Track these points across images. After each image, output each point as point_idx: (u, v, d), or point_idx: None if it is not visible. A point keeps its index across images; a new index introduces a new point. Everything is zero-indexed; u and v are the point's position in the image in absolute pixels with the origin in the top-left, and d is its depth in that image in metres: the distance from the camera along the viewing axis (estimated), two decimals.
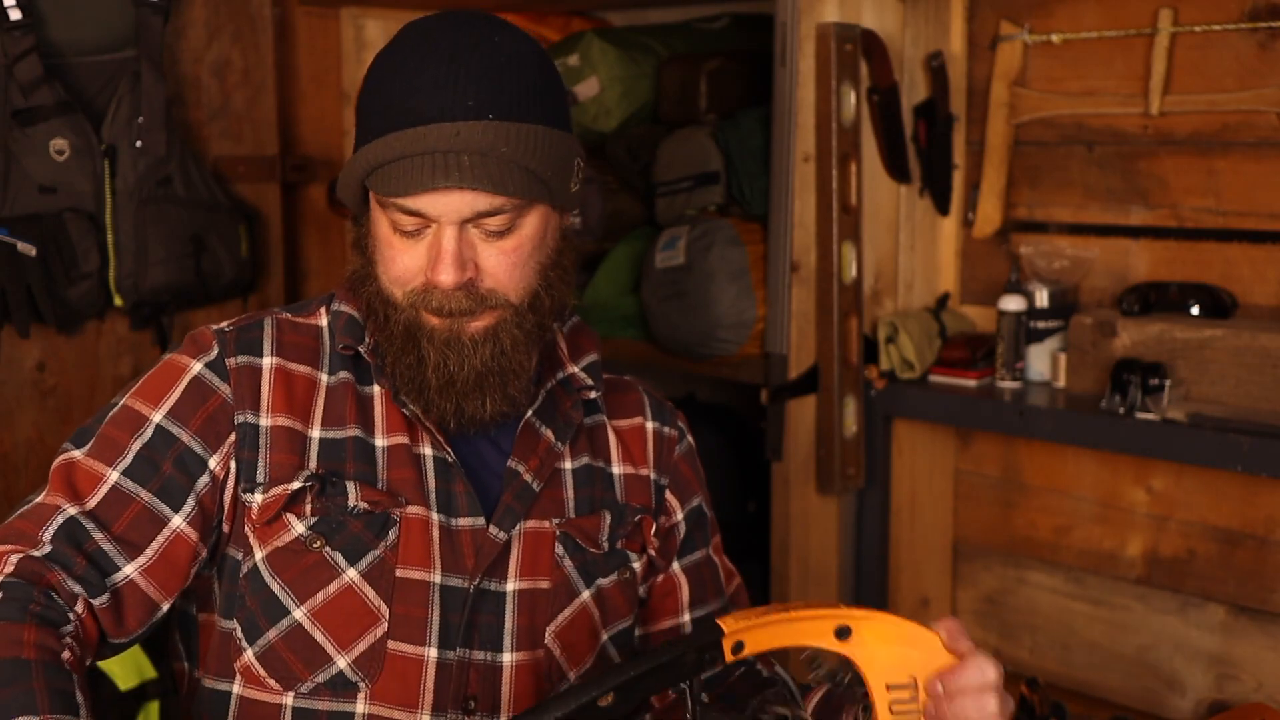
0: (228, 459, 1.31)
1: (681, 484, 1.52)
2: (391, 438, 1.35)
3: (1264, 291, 2.02)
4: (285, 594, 1.30)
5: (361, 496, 1.31)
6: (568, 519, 1.40)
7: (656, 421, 1.52)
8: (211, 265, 2.32)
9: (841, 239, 2.18)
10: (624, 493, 1.46)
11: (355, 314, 1.39)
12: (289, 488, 1.30)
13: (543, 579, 1.37)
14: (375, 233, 1.32)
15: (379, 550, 1.31)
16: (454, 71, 1.26)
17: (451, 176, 1.24)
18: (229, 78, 2.43)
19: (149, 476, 1.29)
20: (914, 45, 2.28)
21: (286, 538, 1.31)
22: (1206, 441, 1.85)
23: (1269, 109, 1.97)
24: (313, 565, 1.30)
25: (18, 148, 2.10)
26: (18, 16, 2.07)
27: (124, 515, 1.28)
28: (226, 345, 1.35)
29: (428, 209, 1.26)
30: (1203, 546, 2.13)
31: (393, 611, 1.30)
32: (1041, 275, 2.20)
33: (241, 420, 1.32)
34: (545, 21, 2.89)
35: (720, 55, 2.48)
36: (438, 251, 1.27)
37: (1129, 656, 2.23)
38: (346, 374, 1.37)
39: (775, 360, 2.23)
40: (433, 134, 1.24)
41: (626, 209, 2.55)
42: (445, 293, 1.28)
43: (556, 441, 1.40)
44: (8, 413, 2.19)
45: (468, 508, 1.34)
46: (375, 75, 1.31)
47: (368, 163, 1.27)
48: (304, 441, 1.33)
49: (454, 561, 1.33)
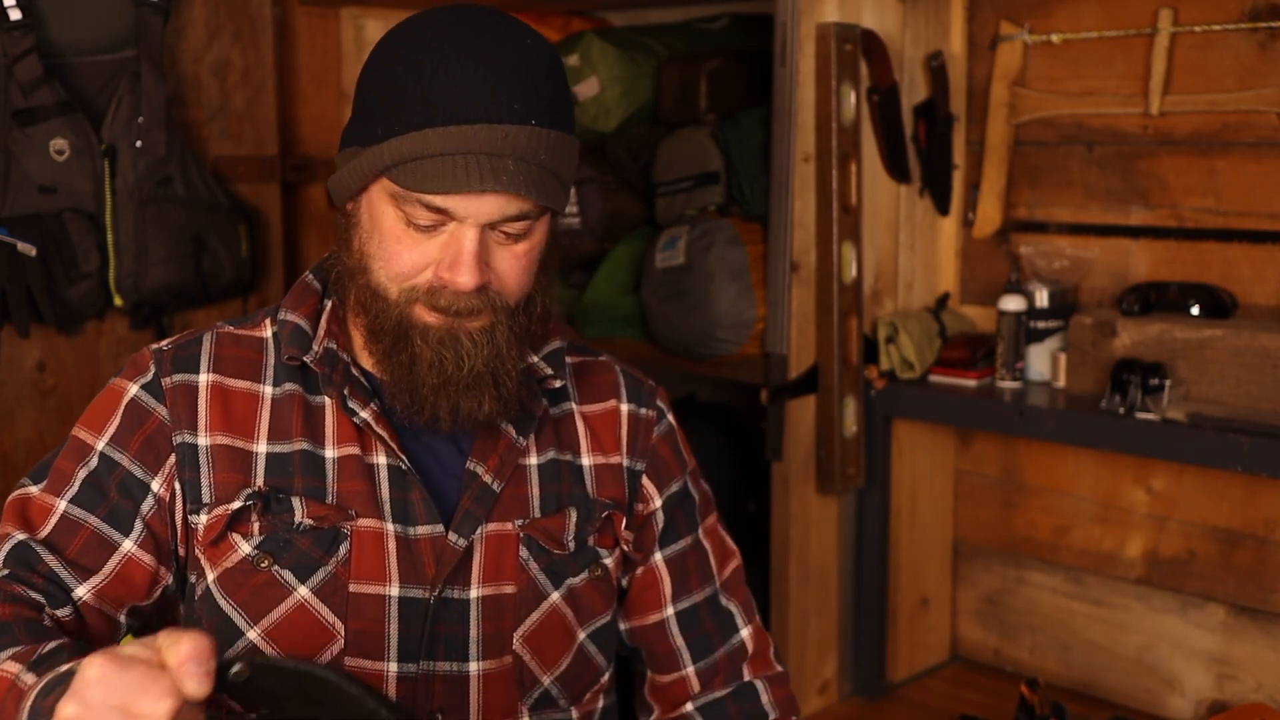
0: (170, 480, 1.30)
1: (660, 468, 1.47)
2: (342, 448, 1.32)
3: (1264, 291, 2.02)
4: (238, 615, 1.29)
5: (308, 513, 1.29)
6: (531, 519, 1.36)
7: (632, 403, 1.48)
8: (211, 265, 2.32)
9: (841, 239, 2.18)
10: (594, 486, 1.42)
11: (302, 323, 1.36)
12: (230, 507, 1.29)
13: (507, 583, 1.34)
14: (378, 225, 1.28)
15: (330, 566, 1.29)
16: (499, 74, 1.23)
17: (498, 180, 1.22)
18: (229, 78, 2.43)
19: (96, 502, 1.29)
20: (914, 45, 2.28)
21: (234, 558, 1.29)
22: (1206, 441, 1.85)
23: (1269, 109, 1.97)
24: (263, 585, 1.29)
25: (18, 148, 2.10)
26: (18, 16, 2.07)
27: (74, 541, 1.28)
28: (163, 365, 1.33)
29: (457, 208, 1.23)
30: (1203, 546, 2.13)
31: (348, 628, 1.28)
32: (1041, 275, 2.20)
33: (180, 440, 1.30)
34: (545, 21, 2.89)
35: (720, 55, 2.48)
36: (457, 252, 1.25)
37: (1129, 656, 2.23)
38: (293, 385, 1.34)
39: (775, 360, 2.23)
40: (480, 135, 1.22)
41: (626, 209, 2.55)
42: (456, 293, 1.26)
43: (518, 437, 1.36)
44: (8, 413, 2.19)
45: (425, 515, 1.31)
46: (397, 66, 1.26)
47: (396, 155, 1.23)
48: (249, 458, 1.31)
49: (413, 572, 1.30)
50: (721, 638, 1.50)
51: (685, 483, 1.50)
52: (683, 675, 1.50)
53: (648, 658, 1.51)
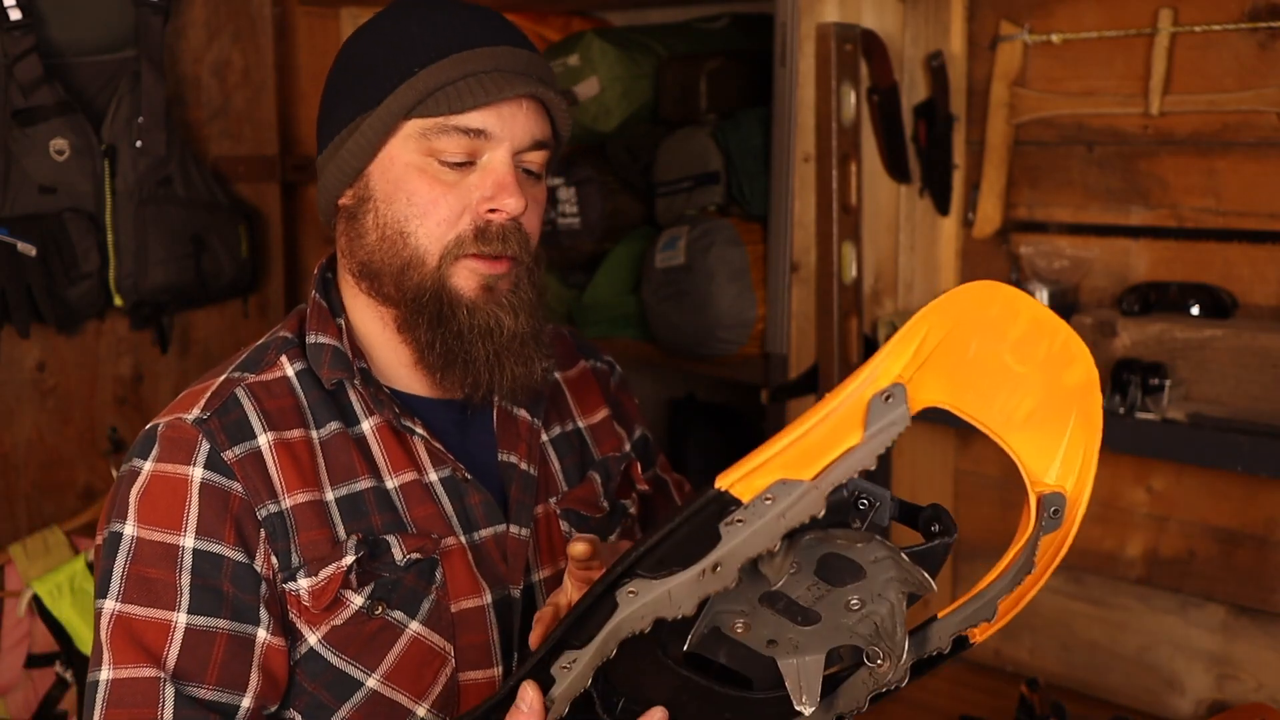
0: (267, 556, 1.22)
1: (624, 415, 1.53)
2: (399, 475, 1.29)
3: (1264, 291, 2.02)
4: (354, 668, 1.24)
5: (407, 548, 1.25)
6: (563, 494, 1.39)
7: (592, 359, 1.53)
8: (211, 265, 2.32)
9: (841, 239, 2.19)
10: (596, 446, 1.47)
11: (339, 344, 1.30)
12: (342, 564, 1.21)
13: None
14: (401, 184, 1.25)
15: (432, 594, 1.26)
16: (485, 13, 1.27)
17: (530, 85, 1.24)
18: (229, 78, 2.43)
19: (216, 607, 1.19)
20: (914, 45, 2.28)
21: (345, 614, 1.23)
22: (1206, 441, 1.85)
23: (1269, 109, 1.96)
24: (376, 631, 1.24)
25: (18, 148, 2.10)
26: (18, 16, 2.07)
27: (213, 654, 1.18)
28: (215, 437, 1.23)
29: (494, 127, 1.24)
30: (1203, 546, 2.13)
31: (457, 646, 1.27)
32: (1041, 275, 2.20)
33: (264, 514, 1.22)
34: (545, 21, 2.89)
35: (720, 55, 2.48)
36: (498, 178, 1.24)
37: (1129, 656, 2.23)
38: (336, 424, 1.28)
39: (775, 360, 2.23)
40: (503, 54, 1.24)
41: (626, 209, 2.55)
42: (503, 226, 1.25)
43: (534, 419, 1.38)
44: (8, 413, 2.19)
45: (486, 518, 1.31)
46: (376, 40, 1.28)
47: (421, 90, 1.23)
48: (324, 509, 1.24)
49: (491, 574, 1.30)
50: None
51: (643, 429, 1.56)
52: None
53: None
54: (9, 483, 2.20)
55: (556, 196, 2.51)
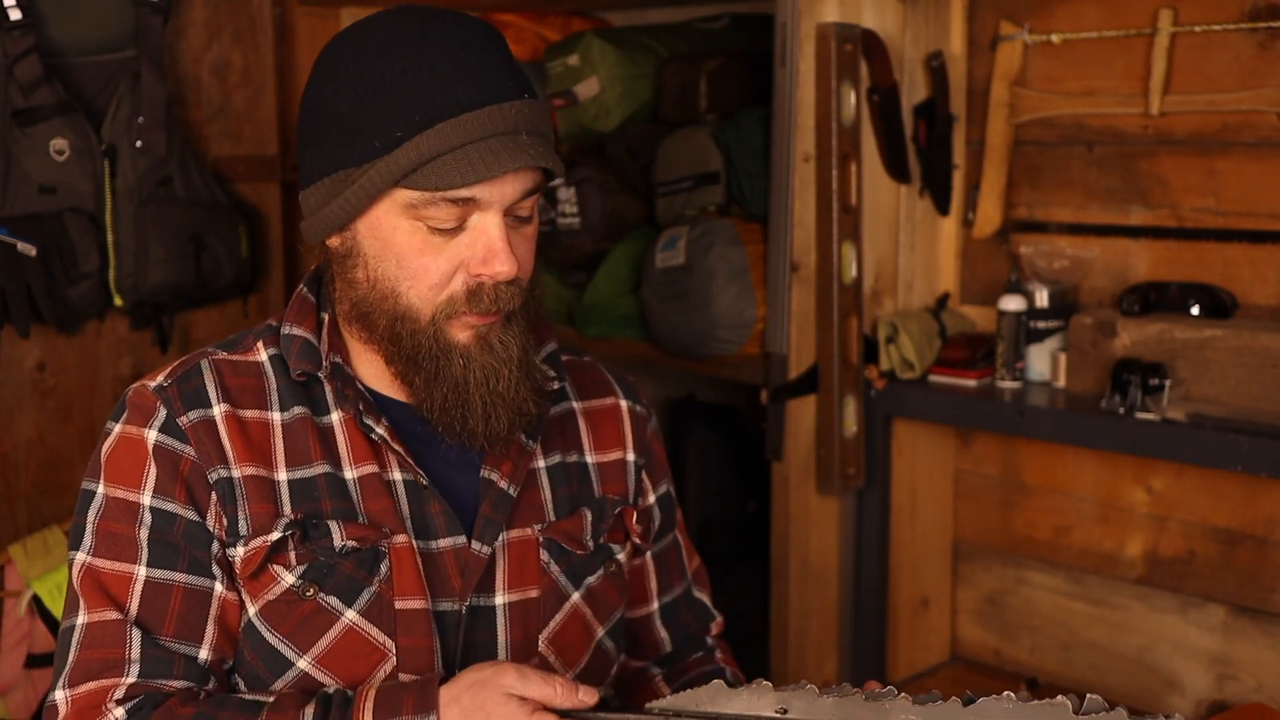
0: (218, 517, 1.27)
1: (655, 465, 1.51)
2: (360, 467, 1.30)
3: (1264, 291, 2.02)
4: (286, 646, 1.27)
5: (347, 535, 1.27)
6: (549, 523, 1.37)
7: (629, 400, 1.50)
8: (211, 265, 2.32)
9: (841, 239, 2.18)
10: (600, 484, 1.44)
11: (309, 337, 1.32)
12: (269, 539, 1.26)
13: (531, 588, 1.34)
14: (390, 245, 1.24)
15: (374, 586, 1.27)
16: (475, 57, 1.22)
17: (523, 156, 1.20)
18: (229, 78, 2.43)
19: (173, 559, 1.26)
20: (914, 45, 2.28)
21: (277, 590, 1.27)
22: (1206, 441, 1.85)
23: (1269, 109, 1.96)
24: (310, 614, 1.27)
25: (18, 148, 2.10)
26: (18, 16, 2.07)
27: (170, 604, 1.25)
28: (172, 404, 1.28)
29: (484, 196, 1.21)
30: (1203, 546, 2.13)
31: (399, 645, 1.28)
32: (1041, 275, 2.20)
33: (215, 477, 1.27)
34: (545, 21, 2.89)
35: (720, 55, 2.48)
36: (488, 243, 1.22)
37: (1129, 656, 2.23)
38: (301, 408, 1.31)
39: (775, 360, 2.23)
40: (494, 116, 1.20)
41: (626, 209, 2.55)
42: (496, 287, 1.24)
43: (527, 440, 1.36)
44: (8, 413, 2.19)
45: (445, 528, 1.31)
46: (362, 79, 1.21)
47: (411, 160, 1.19)
48: (274, 487, 1.28)
49: (441, 585, 1.30)
50: (698, 627, 1.58)
51: (668, 483, 1.55)
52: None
53: (627, 645, 1.54)
54: (9, 483, 2.20)
55: (556, 196, 2.51)
